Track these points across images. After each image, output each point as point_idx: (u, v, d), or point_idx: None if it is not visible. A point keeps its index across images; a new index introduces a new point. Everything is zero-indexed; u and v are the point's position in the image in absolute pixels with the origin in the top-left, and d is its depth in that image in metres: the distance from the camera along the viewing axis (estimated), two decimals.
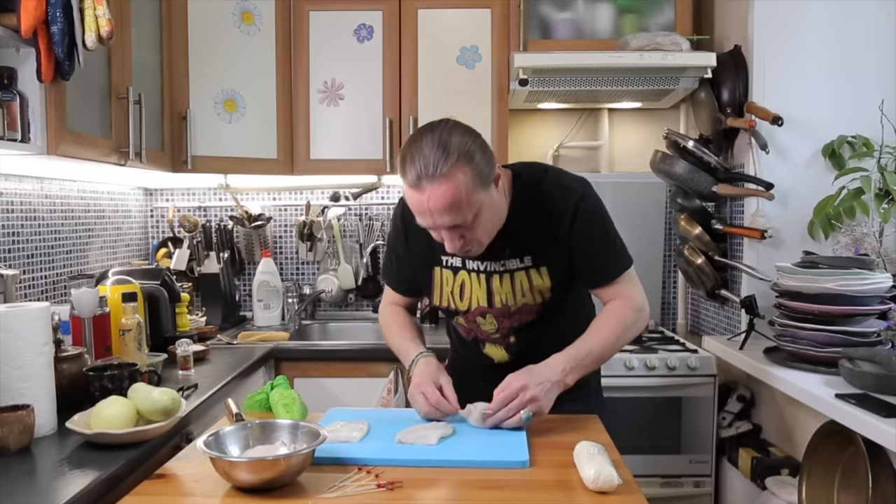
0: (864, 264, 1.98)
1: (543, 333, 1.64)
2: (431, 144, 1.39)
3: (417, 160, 1.38)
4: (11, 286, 1.90)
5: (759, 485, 2.25)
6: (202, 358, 2.26)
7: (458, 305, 1.65)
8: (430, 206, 1.39)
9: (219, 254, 3.01)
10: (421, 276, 1.70)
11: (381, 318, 1.81)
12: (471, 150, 1.41)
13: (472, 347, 1.72)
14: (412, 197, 1.42)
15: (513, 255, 1.58)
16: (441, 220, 1.41)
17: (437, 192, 1.37)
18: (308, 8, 2.83)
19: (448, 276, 1.65)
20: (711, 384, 2.50)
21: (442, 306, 1.69)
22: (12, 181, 2.18)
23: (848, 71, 2.38)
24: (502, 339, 1.66)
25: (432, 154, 1.38)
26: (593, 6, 2.82)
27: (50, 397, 1.51)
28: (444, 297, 1.67)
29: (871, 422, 1.55)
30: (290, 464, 1.18)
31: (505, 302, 1.60)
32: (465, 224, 1.43)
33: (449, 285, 1.65)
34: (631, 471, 1.27)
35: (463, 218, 1.41)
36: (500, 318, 1.63)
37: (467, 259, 1.60)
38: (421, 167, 1.37)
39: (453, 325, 1.75)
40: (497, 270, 1.60)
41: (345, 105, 2.86)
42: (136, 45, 2.24)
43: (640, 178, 3.08)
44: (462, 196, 1.39)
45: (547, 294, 1.60)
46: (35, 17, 1.61)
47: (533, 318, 1.62)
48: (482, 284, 1.61)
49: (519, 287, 1.59)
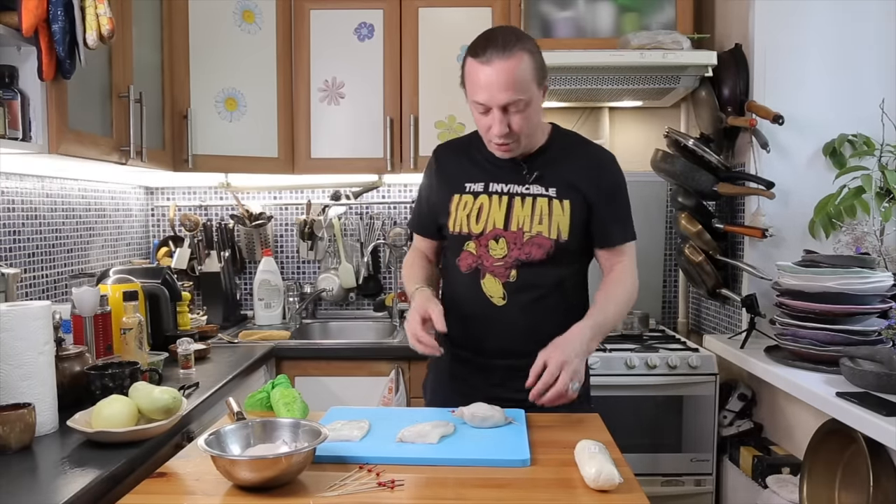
0: (864, 263, 1.98)
1: (542, 283, 1.68)
2: (505, 30, 1.61)
3: (491, 41, 1.55)
4: (12, 285, 1.90)
5: (760, 483, 2.25)
6: (203, 357, 2.27)
7: (472, 228, 1.69)
8: (496, 78, 1.53)
9: (220, 253, 3.01)
10: (440, 206, 1.75)
11: (403, 264, 1.89)
12: (535, 48, 1.59)
13: (470, 283, 1.71)
14: (478, 71, 1.55)
15: (538, 182, 1.68)
16: (499, 96, 1.54)
17: (504, 65, 1.52)
18: (309, 6, 2.83)
19: (468, 200, 1.71)
20: (712, 383, 2.50)
21: (454, 231, 1.72)
22: (13, 180, 2.18)
23: (849, 69, 2.38)
24: (505, 270, 1.67)
25: (506, 37, 1.55)
26: (594, 5, 2.82)
27: (51, 396, 1.51)
28: (458, 222, 1.71)
29: (873, 420, 1.55)
30: (291, 462, 1.18)
31: (521, 226, 1.67)
32: (516, 107, 1.56)
33: (467, 209, 1.71)
34: (632, 469, 1.27)
35: (518, 98, 1.55)
36: (511, 243, 1.67)
37: (491, 182, 1.70)
38: (495, 45, 1.53)
39: (455, 262, 1.74)
40: (520, 193, 1.68)
41: (345, 104, 2.86)
42: (137, 43, 2.24)
43: (640, 176, 3.06)
44: (523, 76, 1.54)
45: (564, 233, 1.66)
46: (36, 15, 1.61)
47: (541, 257, 1.66)
48: (502, 207, 1.68)
49: (539, 212, 1.67)
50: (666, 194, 3.08)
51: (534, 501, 1.16)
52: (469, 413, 1.49)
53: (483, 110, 1.59)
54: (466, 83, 1.61)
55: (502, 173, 1.71)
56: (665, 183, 3.01)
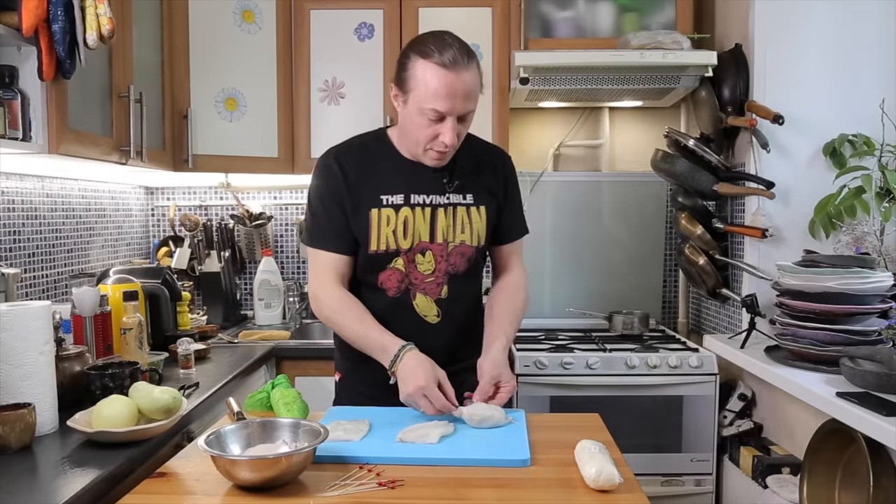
0: (865, 263, 1.98)
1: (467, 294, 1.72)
2: (454, 39, 1.54)
3: (448, 47, 1.50)
4: (13, 285, 1.90)
5: (760, 483, 2.25)
6: (203, 357, 2.27)
7: (400, 244, 1.63)
8: (461, 86, 1.50)
9: (220, 252, 3.01)
10: (357, 223, 1.62)
11: (327, 306, 1.63)
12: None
13: (402, 305, 1.65)
14: (444, 77, 1.49)
15: (457, 191, 1.67)
16: (461, 105, 1.52)
17: (468, 76, 1.51)
18: (309, 7, 2.83)
19: (389, 214, 1.62)
20: (712, 383, 2.50)
21: (380, 251, 1.62)
22: (13, 180, 2.18)
23: (849, 69, 2.38)
24: (437, 286, 1.67)
25: (460, 46, 1.52)
26: (594, 5, 2.82)
27: (51, 396, 1.51)
28: (382, 240, 1.62)
29: (873, 420, 1.55)
30: (291, 462, 1.18)
31: (445, 237, 1.66)
32: (467, 118, 1.56)
33: (391, 224, 1.62)
34: (632, 469, 1.27)
35: (472, 108, 1.55)
36: (438, 256, 1.66)
37: (412, 193, 1.64)
38: (455, 52, 1.50)
39: (376, 285, 1.65)
40: (442, 204, 1.66)
41: (345, 104, 2.86)
42: (137, 43, 2.24)
43: (640, 176, 3.08)
44: (477, 87, 1.55)
45: (483, 239, 1.69)
46: (36, 15, 1.61)
47: (464, 268, 1.68)
48: (426, 219, 1.65)
49: (460, 222, 1.67)
50: (666, 194, 3.08)
51: (534, 501, 1.16)
52: (468, 413, 1.48)
53: (436, 118, 1.52)
54: (415, 88, 1.51)
55: (422, 183, 1.64)
56: (665, 183, 3.01)
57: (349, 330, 1.62)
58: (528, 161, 3.16)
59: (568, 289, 3.07)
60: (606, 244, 3.08)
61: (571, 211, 3.09)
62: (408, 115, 1.57)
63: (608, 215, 3.10)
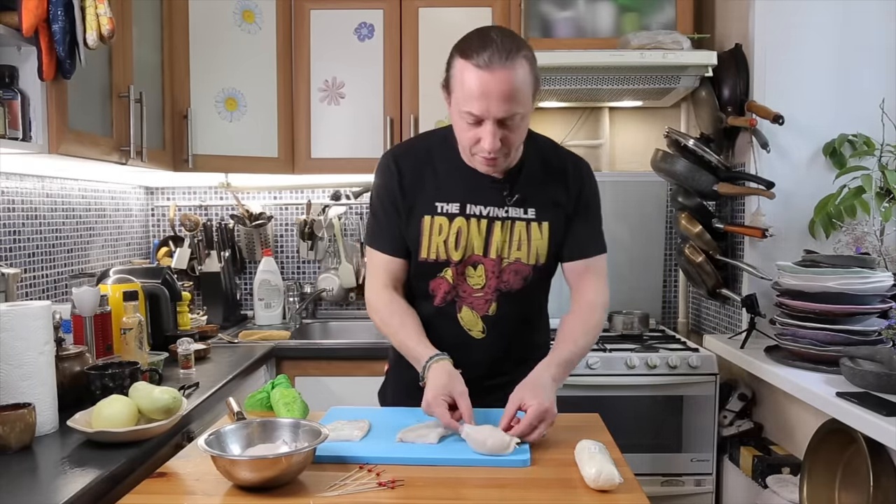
0: (864, 263, 1.98)
1: (520, 313, 1.62)
2: (501, 35, 1.42)
3: (489, 44, 1.39)
4: (13, 285, 1.90)
5: (760, 483, 2.25)
6: (203, 357, 2.27)
7: (451, 255, 1.56)
8: (496, 87, 1.38)
9: (220, 253, 3.01)
10: (410, 226, 1.58)
11: (375, 310, 1.62)
12: (532, 55, 1.45)
13: (446, 317, 1.59)
14: (478, 78, 1.39)
15: (517, 204, 1.57)
16: (497, 108, 1.40)
17: (505, 74, 1.38)
18: (309, 6, 2.83)
19: (442, 223, 1.56)
20: (712, 383, 2.50)
21: (430, 259, 1.57)
22: (13, 180, 2.18)
23: (849, 69, 2.38)
24: (484, 302, 1.58)
25: (505, 42, 1.40)
26: (594, 5, 2.82)
27: (51, 396, 1.51)
28: (433, 248, 1.56)
29: (873, 420, 1.55)
30: (291, 462, 1.18)
31: (500, 252, 1.56)
32: (513, 121, 1.43)
33: (443, 234, 1.56)
34: (632, 469, 1.27)
35: (514, 111, 1.42)
36: (490, 272, 1.57)
37: (469, 203, 1.56)
38: (494, 50, 1.38)
39: (427, 291, 1.60)
40: (499, 217, 1.56)
41: (346, 104, 2.86)
42: (137, 43, 2.24)
43: (640, 176, 3.08)
44: (522, 87, 1.41)
45: (542, 257, 1.58)
46: (36, 15, 1.61)
47: (519, 286, 1.58)
48: (481, 231, 1.56)
49: (517, 238, 1.57)
50: (666, 194, 3.08)
51: (534, 501, 1.16)
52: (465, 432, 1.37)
53: (474, 121, 1.44)
54: (456, 88, 1.45)
55: (480, 193, 1.56)
56: (665, 183, 3.01)
57: (392, 336, 1.60)
58: None
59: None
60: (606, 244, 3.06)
61: None
62: (453, 118, 1.51)
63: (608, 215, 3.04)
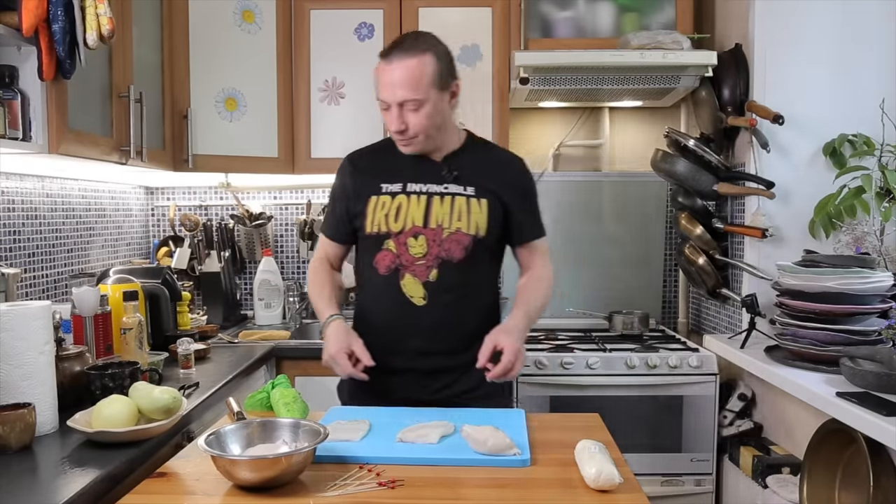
0: (864, 263, 1.98)
1: (461, 283, 1.74)
2: (414, 36, 1.72)
3: (397, 44, 1.67)
4: (13, 285, 1.90)
5: (760, 483, 2.25)
6: (203, 357, 2.26)
7: (391, 227, 1.73)
8: (396, 76, 1.63)
9: (220, 252, 3.01)
10: (357, 209, 1.78)
11: (309, 277, 1.91)
12: (440, 53, 1.69)
13: (390, 283, 1.74)
14: (384, 70, 1.66)
15: (456, 182, 1.76)
16: (395, 94, 1.64)
17: (403, 64, 1.64)
18: (309, 6, 2.83)
19: (385, 200, 1.75)
20: (712, 383, 2.51)
21: (373, 232, 1.75)
22: (13, 180, 2.18)
23: (849, 69, 2.38)
24: (426, 269, 1.72)
25: (411, 41, 1.68)
26: (594, 5, 2.82)
27: (51, 396, 1.51)
28: (376, 222, 1.74)
29: (873, 420, 1.55)
30: (292, 462, 1.18)
31: (440, 223, 1.72)
32: (412, 105, 1.65)
33: (385, 209, 1.74)
34: (632, 469, 1.27)
35: (411, 97, 1.64)
36: (431, 241, 1.72)
37: (409, 182, 1.75)
38: (399, 47, 1.66)
39: (372, 264, 1.77)
40: (438, 192, 1.75)
41: (346, 104, 2.86)
42: (137, 43, 2.24)
43: (640, 176, 3.08)
44: (420, 77, 1.64)
45: (482, 229, 1.73)
46: (36, 15, 1.61)
47: (460, 256, 1.72)
48: (421, 205, 1.74)
49: (457, 210, 1.73)
50: (666, 194, 3.08)
51: (534, 501, 1.16)
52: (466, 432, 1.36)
53: (385, 107, 1.68)
54: (376, 84, 1.71)
55: (421, 174, 1.76)
56: (665, 183, 3.01)
57: (310, 296, 1.87)
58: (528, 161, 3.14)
59: (568, 289, 3.07)
60: (606, 244, 3.08)
61: (571, 211, 3.09)
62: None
63: (608, 215, 3.10)
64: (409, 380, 1.75)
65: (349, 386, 1.83)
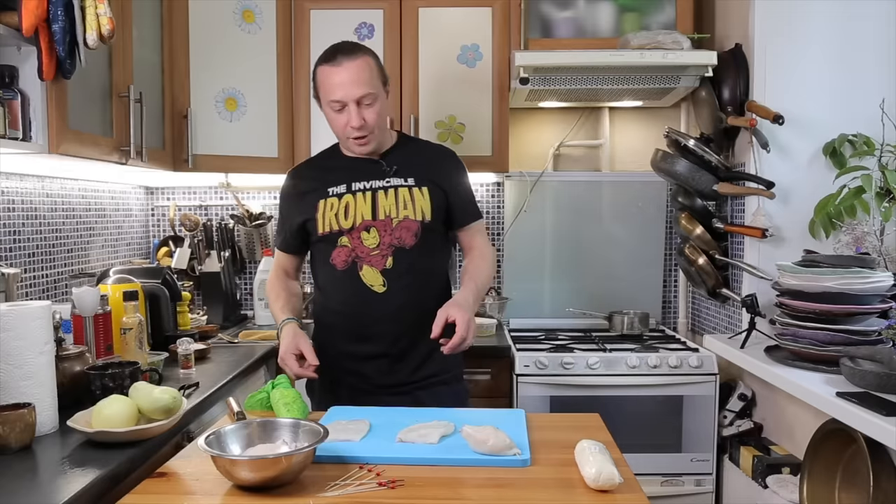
0: (865, 263, 1.98)
1: (416, 269, 1.84)
2: (348, 42, 1.84)
3: (336, 49, 1.78)
4: (13, 285, 1.90)
5: (760, 483, 2.25)
6: (203, 357, 2.26)
7: (342, 224, 1.83)
8: (346, 76, 1.75)
9: (220, 252, 3.01)
10: (308, 215, 1.87)
11: (266, 287, 2.03)
12: (375, 57, 1.83)
13: (349, 277, 1.83)
14: (328, 72, 1.77)
15: (396, 175, 1.86)
16: (352, 91, 1.75)
17: (353, 65, 1.76)
18: (309, 6, 2.83)
19: (333, 202, 1.85)
20: (712, 383, 2.51)
21: (325, 232, 1.84)
22: (13, 180, 2.18)
23: (849, 69, 2.38)
24: (381, 258, 1.82)
25: (349, 45, 1.81)
26: (594, 5, 2.82)
27: (51, 396, 1.51)
28: (326, 223, 1.84)
29: (873, 420, 1.55)
30: (292, 462, 1.18)
31: (388, 214, 1.83)
32: (369, 100, 1.77)
33: (334, 210, 1.84)
34: (632, 469, 1.27)
35: (369, 91, 1.76)
36: (382, 231, 1.83)
37: (353, 182, 1.85)
38: (340, 51, 1.77)
39: (329, 261, 1.85)
40: (382, 187, 1.85)
41: None
42: (137, 43, 2.24)
43: (640, 176, 3.08)
44: (370, 73, 1.78)
45: (427, 214, 1.84)
46: (36, 15, 1.61)
47: (411, 241, 1.83)
48: (367, 200, 1.84)
49: (402, 200, 1.84)
50: (666, 194, 3.08)
51: (534, 501, 1.16)
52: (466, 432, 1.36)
53: (339, 108, 1.78)
54: (320, 90, 1.81)
55: (362, 173, 1.87)
56: (665, 183, 3.01)
57: (269, 304, 1.97)
58: (528, 161, 3.16)
59: (568, 289, 3.07)
60: (606, 244, 3.08)
61: (571, 211, 3.09)
62: (327, 117, 1.84)
63: (608, 215, 3.10)
64: (377, 367, 1.85)
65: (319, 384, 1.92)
